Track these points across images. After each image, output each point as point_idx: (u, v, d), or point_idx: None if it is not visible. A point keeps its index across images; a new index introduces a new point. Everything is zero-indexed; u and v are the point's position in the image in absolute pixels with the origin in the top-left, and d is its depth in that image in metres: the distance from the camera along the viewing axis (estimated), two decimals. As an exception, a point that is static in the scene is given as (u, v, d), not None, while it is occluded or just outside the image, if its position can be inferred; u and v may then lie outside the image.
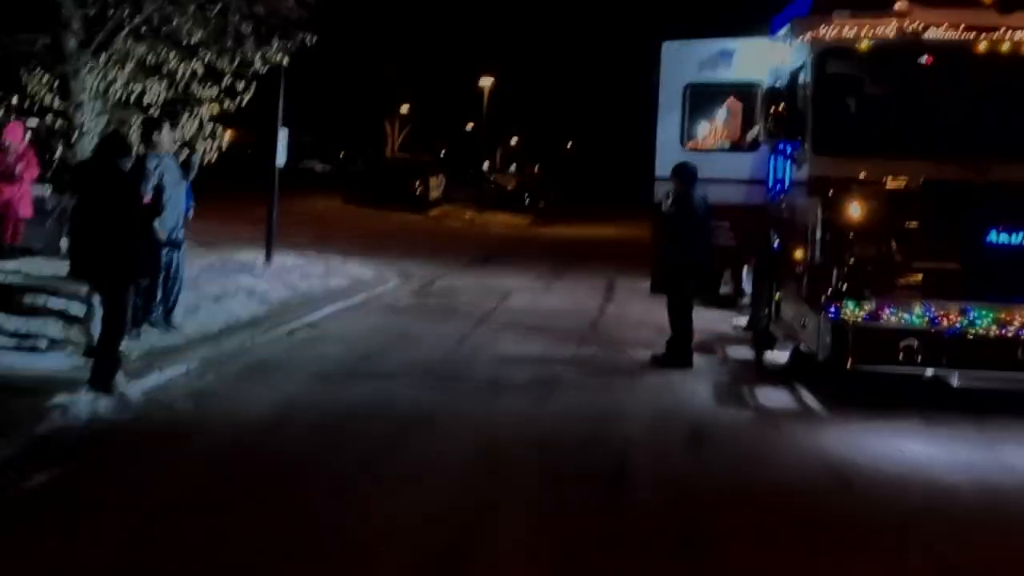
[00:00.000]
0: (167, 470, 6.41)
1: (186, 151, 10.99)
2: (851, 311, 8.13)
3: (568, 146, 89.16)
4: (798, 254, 8.93)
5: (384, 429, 7.57)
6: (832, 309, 8.17)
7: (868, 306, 8.17)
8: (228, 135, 13.06)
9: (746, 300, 11.95)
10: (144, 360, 8.94)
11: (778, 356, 9.67)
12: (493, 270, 20.41)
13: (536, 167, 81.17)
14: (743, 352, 11.34)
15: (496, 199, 42.80)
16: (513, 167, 74.76)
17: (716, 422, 8.22)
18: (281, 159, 15.98)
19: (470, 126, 57.06)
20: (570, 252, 26.32)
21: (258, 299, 12.67)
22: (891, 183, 8.42)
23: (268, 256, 15.98)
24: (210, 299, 11.94)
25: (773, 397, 9.08)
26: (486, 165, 59.13)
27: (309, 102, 54.76)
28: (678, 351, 10.31)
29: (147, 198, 9.09)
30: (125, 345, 8.35)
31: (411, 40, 45.34)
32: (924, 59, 8.65)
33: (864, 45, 8.53)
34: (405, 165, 42.56)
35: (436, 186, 40.99)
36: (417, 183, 38.81)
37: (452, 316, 13.44)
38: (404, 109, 53.40)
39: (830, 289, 8.25)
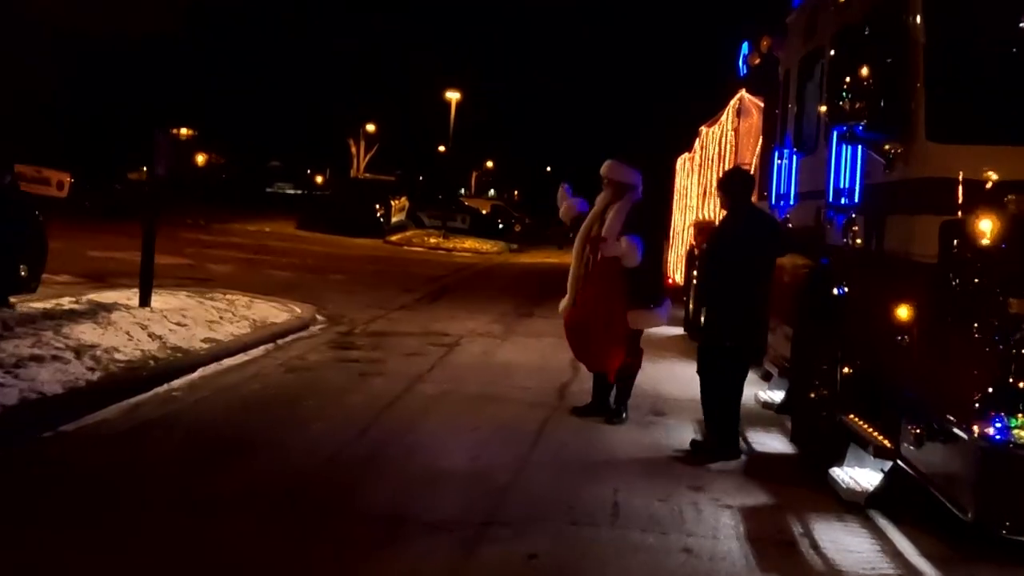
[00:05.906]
0: None
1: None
2: None
3: (547, 170, 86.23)
4: (899, 311, 5.17)
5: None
6: (995, 426, 4.31)
7: None
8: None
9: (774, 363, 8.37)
10: None
11: (854, 475, 5.82)
12: (445, 308, 16.82)
13: (515, 192, 78.37)
14: (776, 443, 7.90)
15: (469, 224, 39.60)
16: (492, 192, 71.94)
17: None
18: (163, 167, 12.38)
19: (442, 148, 53.94)
20: (542, 285, 22.83)
21: (91, 361, 9.01)
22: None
23: (144, 297, 12.29)
24: (3, 368, 8.27)
25: (852, 549, 5.41)
26: (462, 190, 56.05)
27: (275, 123, 51.60)
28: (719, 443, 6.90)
29: None
30: None
31: (379, 56, 42.19)
32: None
33: None
34: (365, 187, 39.14)
35: (399, 209, 37.60)
36: (377, 206, 35.34)
37: (371, 379, 9.86)
38: (371, 128, 50.03)
39: (985, 387, 4.37)
